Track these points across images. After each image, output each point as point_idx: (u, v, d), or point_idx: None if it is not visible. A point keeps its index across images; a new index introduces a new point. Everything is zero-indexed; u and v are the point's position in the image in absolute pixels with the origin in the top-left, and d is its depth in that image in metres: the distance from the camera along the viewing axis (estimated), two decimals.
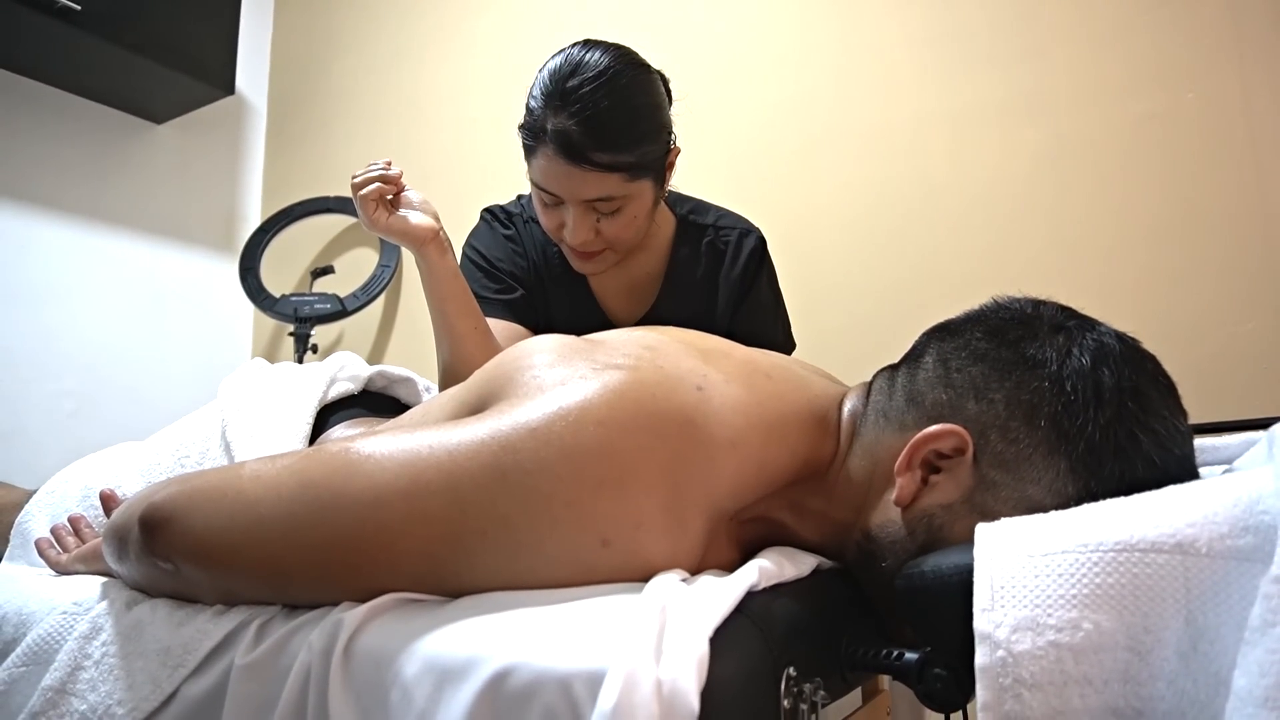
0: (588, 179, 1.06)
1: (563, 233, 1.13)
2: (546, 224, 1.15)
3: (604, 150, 1.04)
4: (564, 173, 1.06)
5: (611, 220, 1.11)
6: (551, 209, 1.13)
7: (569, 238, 1.12)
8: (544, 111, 1.06)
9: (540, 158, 1.07)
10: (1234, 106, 1.40)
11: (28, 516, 0.98)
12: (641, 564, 0.54)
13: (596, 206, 1.10)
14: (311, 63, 2.67)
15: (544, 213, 1.14)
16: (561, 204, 1.11)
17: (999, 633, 0.43)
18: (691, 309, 1.25)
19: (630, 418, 0.56)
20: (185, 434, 0.99)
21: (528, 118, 1.09)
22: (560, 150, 1.04)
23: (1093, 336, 0.58)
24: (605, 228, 1.12)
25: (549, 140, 1.05)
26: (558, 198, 1.10)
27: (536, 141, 1.07)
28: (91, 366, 2.21)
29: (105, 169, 2.29)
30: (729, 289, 1.26)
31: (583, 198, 1.08)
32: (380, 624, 0.52)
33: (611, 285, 1.28)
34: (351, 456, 0.57)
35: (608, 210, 1.10)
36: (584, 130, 1.03)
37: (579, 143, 1.03)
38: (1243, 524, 0.42)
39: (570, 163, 1.04)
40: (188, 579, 0.61)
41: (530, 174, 1.11)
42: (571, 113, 1.03)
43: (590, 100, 1.03)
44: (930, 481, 0.59)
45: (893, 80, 1.73)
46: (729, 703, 0.44)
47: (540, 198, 1.12)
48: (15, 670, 0.64)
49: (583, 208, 1.09)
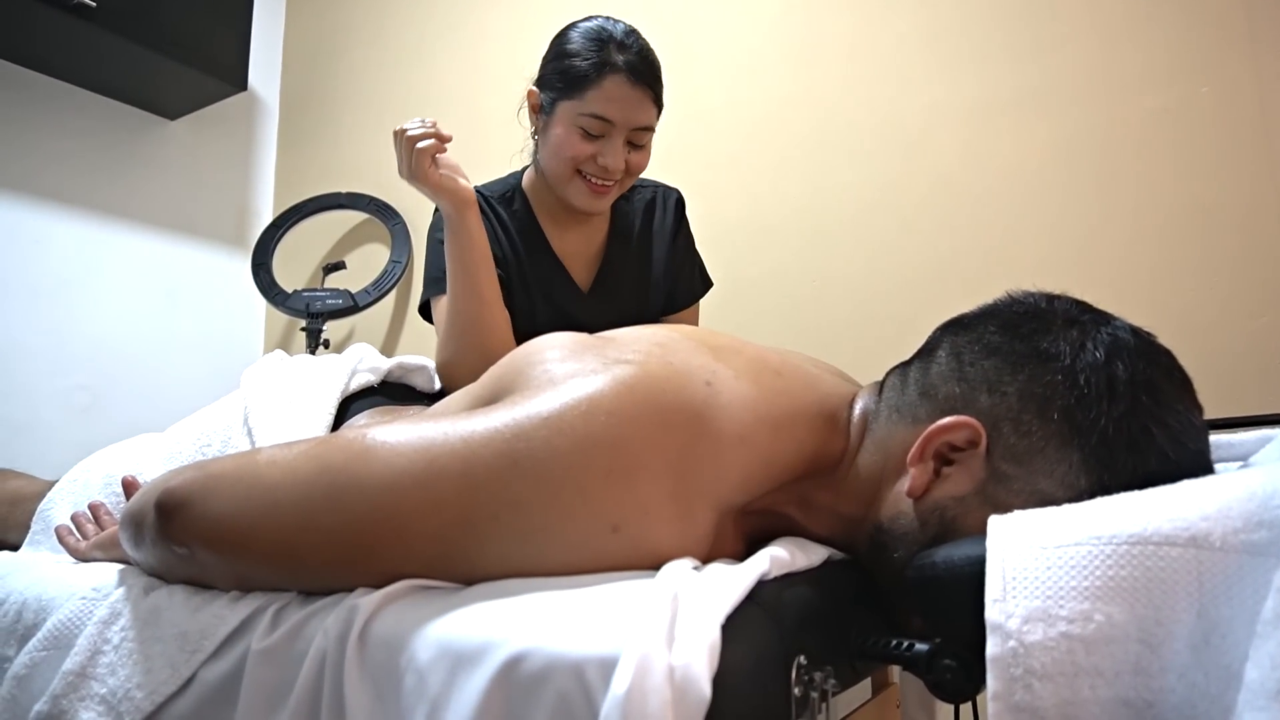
0: (644, 105, 1.23)
1: (597, 160, 1.24)
2: (577, 153, 1.24)
3: (657, 83, 1.25)
4: (633, 97, 1.21)
5: (639, 152, 1.27)
6: (589, 140, 1.23)
7: (611, 162, 1.23)
8: (605, 49, 1.21)
9: (606, 86, 1.20)
10: (1248, 100, 1.39)
11: (50, 504, 0.99)
12: (650, 550, 0.55)
13: (633, 138, 1.25)
14: (323, 59, 2.68)
15: (580, 143, 1.23)
16: (603, 136, 1.23)
17: (1010, 623, 0.44)
18: (635, 258, 1.43)
19: (640, 410, 0.57)
20: (208, 423, 1.00)
21: (582, 57, 1.21)
22: (632, 76, 1.20)
23: (1107, 330, 0.58)
24: (633, 158, 1.26)
25: (622, 68, 1.20)
26: (608, 126, 1.22)
27: (602, 72, 1.20)
28: (105, 361, 2.23)
29: (118, 165, 2.31)
30: (663, 237, 1.46)
31: (636, 123, 1.23)
32: (395, 610, 0.52)
33: (571, 247, 1.39)
34: (367, 442, 0.58)
35: (639, 142, 1.26)
36: (644, 64, 1.22)
37: (646, 71, 1.22)
38: (1257, 518, 0.42)
39: (640, 86, 1.21)
40: (203, 564, 0.62)
41: (580, 107, 1.21)
42: (634, 51, 1.22)
43: (642, 44, 1.25)
44: (942, 473, 0.59)
45: (904, 74, 1.72)
46: (740, 689, 0.44)
47: (588, 127, 1.22)
48: (37, 654, 0.65)
49: (624, 137, 1.23)
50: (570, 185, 1.27)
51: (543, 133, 1.29)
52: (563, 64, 1.22)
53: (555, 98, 1.24)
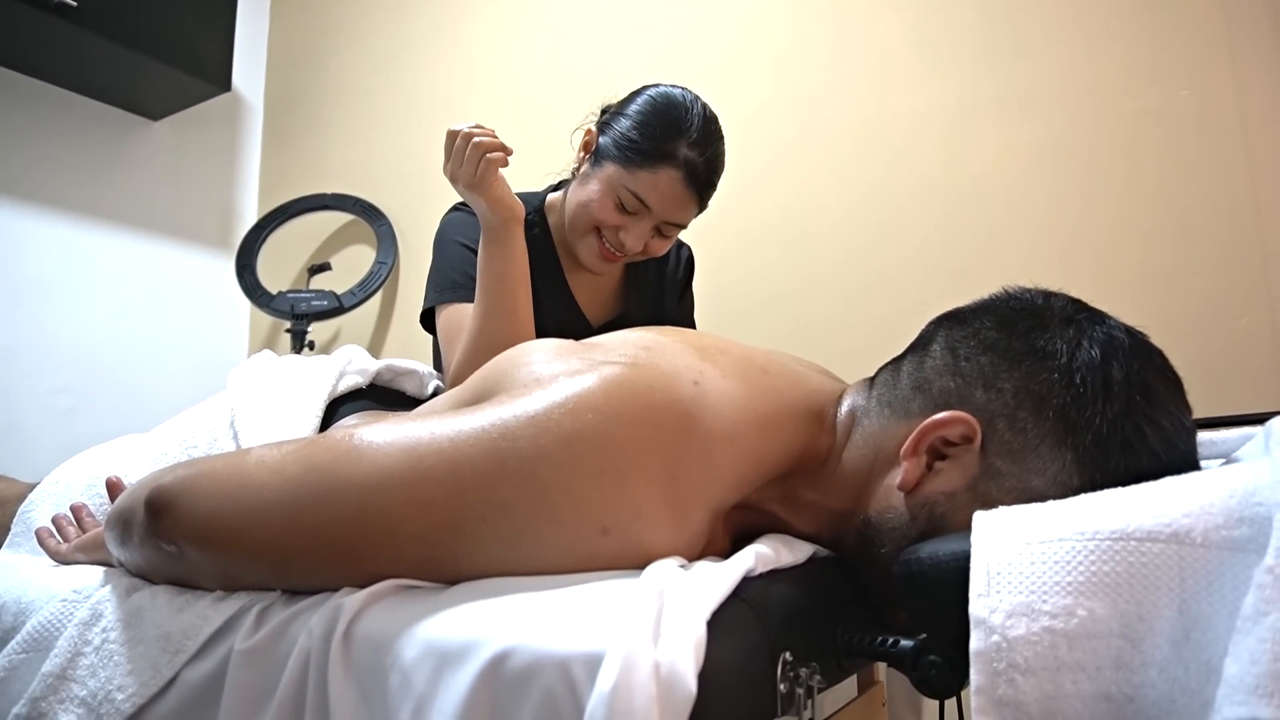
0: (688, 206, 1.21)
1: (618, 234, 1.22)
2: (604, 219, 1.21)
3: (711, 190, 1.23)
4: (681, 198, 1.19)
5: (661, 241, 1.25)
6: (621, 212, 1.20)
7: (631, 242, 1.22)
8: (678, 135, 1.17)
9: (660, 175, 1.17)
10: (1228, 103, 1.40)
11: (31, 506, 0.98)
12: (642, 553, 0.55)
13: (663, 229, 1.23)
14: (308, 59, 2.67)
15: (611, 211, 1.21)
16: (635, 214, 1.20)
17: (994, 618, 0.44)
18: (649, 305, 1.43)
19: (628, 408, 0.56)
20: (194, 423, 0.99)
21: (650, 137, 1.17)
22: (687, 178, 1.17)
23: (1102, 330, 0.58)
24: (653, 244, 1.25)
25: (681, 165, 1.17)
26: (644, 209, 1.19)
27: (661, 161, 1.16)
28: (88, 364, 2.21)
29: (101, 166, 2.29)
30: (672, 286, 1.46)
31: (671, 219, 1.21)
32: (380, 609, 0.52)
33: (584, 281, 1.37)
34: (355, 442, 0.58)
35: (667, 234, 1.24)
36: (709, 170, 1.20)
37: (703, 179, 1.20)
38: (1238, 515, 0.42)
39: (690, 191, 1.19)
40: (191, 562, 0.61)
41: (626, 180, 1.18)
42: (706, 152, 1.19)
43: (719, 149, 1.22)
44: (935, 468, 0.59)
45: (886, 78, 1.73)
46: (726, 685, 0.44)
47: (625, 201, 1.19)
48: (15, 657, 0.64)
49: (654, 224, 1.21)
50: (584, 239, 1.25)
51: (583, 176, 1.25)
52: (629, 131, 1.18)
53: (608, 155, 1.20)
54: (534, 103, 2.14)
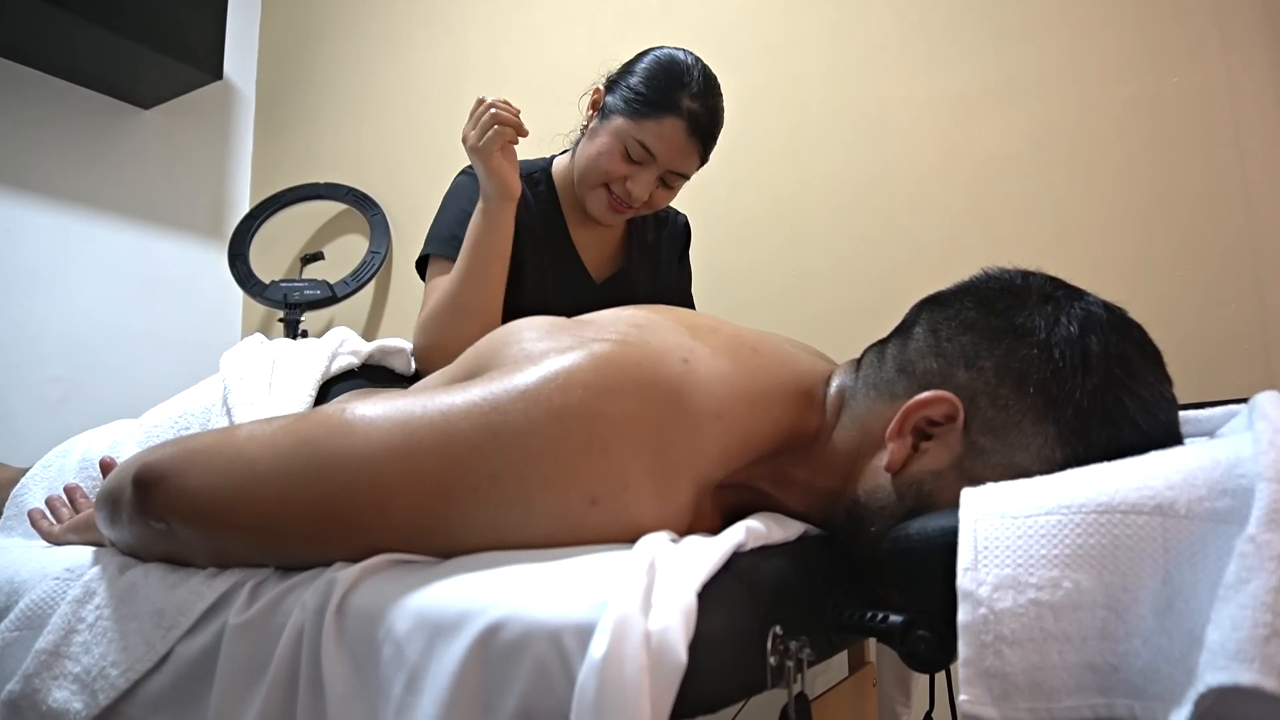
0: (690, 155, 1.26)
1: (626, 183, 1.27)
2: (613, 170, 1.27)
3: (712, 141, 1.28)
4: (684, 145, 1.24)
5: (666, 191, 1.31)
6: (627, 162, 1.26)
7: (638, 190, 1.27)
8: (681, 88, 1.23)
9: (665, 124, 1.22)
10: (1219, 90, 1.41)
11: (24, 489, 0.98)
12: (630, 524, 0.55)
13: (666, 178, 1.28)
14: (300, 48, 2.66)
15: (619, 162, 1.26)
16: (641, 164, 1.25)
17: (981, 590, 0.44)
18: (649, 262, 1.50)
19: (617, 383, 0.57)
20: (186, 404, 0.99)
21: (654, 88, 1.23)
22: (690, 126, 1.23)
23: (1080, 305, 0.59)
24: (658, 194, 1.30)
25: (684, 115, 1.22)
26: (649, 157, 1.24)
27: (665, 110, 1.22)
28: (80, 353, 2.20)
29: (92, 154, 2.27)
30: (670, 247, 1.53)
31: (675, 167, 1.26)
32: (373, 583, 0.52)
33: (587, 239, 1.43)
34: (347, 416, 0.58)
35: (671, 184, 1.30)
36: (710, 120, 1.26)
37: (705, 129, 1.25)
38: (1221, 487, 0.43)
39: (693, 138, 1.24)
40: (181, 539, 0.61)
41: (633, 130, 1.24)
42: (707, 103, 1.25)
43: (719, 103, 1.27)
44: (920, 448, 0.60)
45: (881, 65, 1.74)
46: (716, 656, 0.44)
47: (631, 150, 1.25)
48: (8, 635, 0.64)
49: (659, 173, 1.27)
50: (593, 193, 1.31)
51: (591, 132, 1.31)
52: (635, 84, 1.25)
53: (616, 110, 1.26)
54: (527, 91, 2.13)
